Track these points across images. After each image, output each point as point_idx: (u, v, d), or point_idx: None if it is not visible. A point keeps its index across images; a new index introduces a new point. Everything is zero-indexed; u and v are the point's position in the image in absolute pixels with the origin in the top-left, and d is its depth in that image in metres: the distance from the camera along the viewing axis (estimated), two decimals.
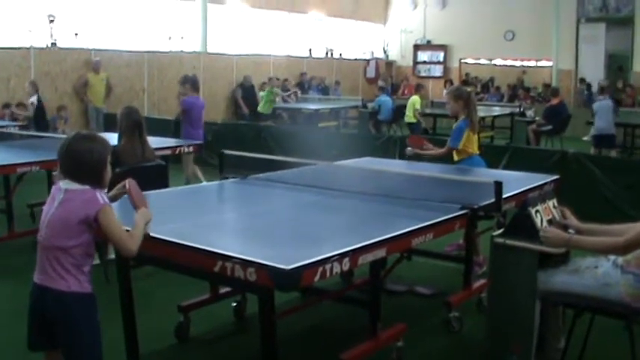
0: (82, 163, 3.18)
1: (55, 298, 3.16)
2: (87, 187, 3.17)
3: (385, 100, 16.18)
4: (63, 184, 3.20)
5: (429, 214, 4.17)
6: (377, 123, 16.01)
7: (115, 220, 3.20)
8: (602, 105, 13.03)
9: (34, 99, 12.44)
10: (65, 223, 3.13)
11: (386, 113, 15.96)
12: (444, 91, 22.04)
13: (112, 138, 6.42)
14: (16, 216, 7.20)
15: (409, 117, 14.61)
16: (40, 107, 12.52)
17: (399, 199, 4.67)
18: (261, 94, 17.84)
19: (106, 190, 3.35)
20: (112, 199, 3.37)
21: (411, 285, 5.89)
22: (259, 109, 17.09)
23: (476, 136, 6.52)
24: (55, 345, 3.27)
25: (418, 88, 15.72)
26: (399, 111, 15.73)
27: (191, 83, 9.19)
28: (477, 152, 6.47)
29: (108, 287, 5.32)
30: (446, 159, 6.56)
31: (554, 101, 14.63)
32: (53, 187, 3.28)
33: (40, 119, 12.39)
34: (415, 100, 14.71)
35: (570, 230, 4.00)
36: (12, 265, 6.49)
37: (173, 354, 4.70)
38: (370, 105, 16.82)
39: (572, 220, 4.09)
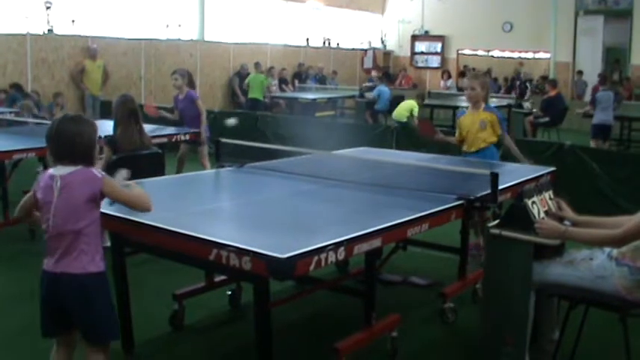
0: (73, 145, 3.24)
1: (72, 282, 3.23)
2: (79, 166, 3.23)
3: (384, 90, 16.17)
4: (55, 171, 3.24)
5: (425, 204, 4.17)
6: (374, 113, 16.00)
7: (119, 187, 3.31)
8: (604, 95, 12.94)
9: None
10: (73, 207, 3.19)
11: (383, 103, 15.95)
12: (443, 83, 22.09)
13: (109, 125, 6.41)
14: (12, 203, 7.17)
15: (401, 116, 14.30)
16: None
17: (395, 189, 4.67)
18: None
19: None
20: None
21: (407, 275, 5.90)
22: (252, 95, 16.99)
23: None
24: (69, 328, 3.37)
25: (418, 95, 15.46)
26: (397, 101, 15.71)
27: (189, 78, 9.17)
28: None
29: None
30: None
31: (552, 93, 14.60)
32: (43, 177, 3.30)
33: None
34: (412, 105, 14.46)
35: (566, 222, 4.00)
36: (7, 251, 6.49)
37: (168, 342, 4.70)
38: (368, 94, 16.81)
39: (568, 211, 4.10)
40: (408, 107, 14.41)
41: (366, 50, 24.52)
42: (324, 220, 4.06)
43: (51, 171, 3.27)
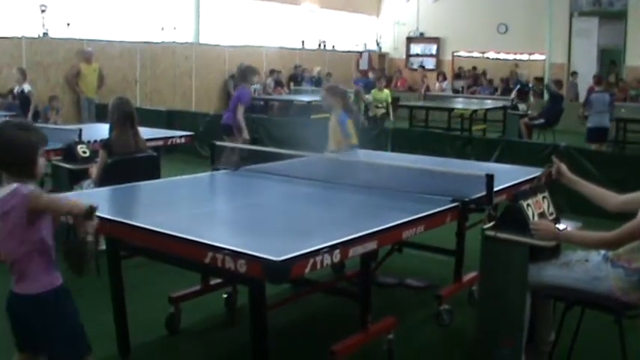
0: (6, 152, 3.03)
1: (30, 303, 3.08)
2: (15, 184, 3.00)
3: None
4: None
5: (420, 206, 4.17)
6: (370, 116, 15.95)
7: (48, 197, 3.10)
8: (599, 97, 12.91)
9: (28, 87, 12.22)
10: (13, 233, 3.01)
11: None
12: (438, 85, 22.13)
13: (104, 129, 6.41)
14: None
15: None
16: (24, 96, 12.09)
17: (390, 192, 4.67)
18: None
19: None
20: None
21: (402, 277, 5.90)
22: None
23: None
24: (37, 348, 3.19)
25: (378, 80, 14.91)
26: (392, 103, 15.66)
27: (242, 74, 9.30)
28: (356, 143, 6.82)
29: (98, 278, 5.31)
30: None
31: (559, 92, 14.67)
32: None
33: (26, 107, 11.91)
34: (387, 94, 14.49)
35: (560, 226, 4.02)
36: None
37: (164, 345, 4.70)
38: (367, 97, 16.77)
39: (567, 173, 4.17)
40: (385, 98, 14.29)
41: (361, 52, 24.52)
42: (319, 222, 4.06)
43: None
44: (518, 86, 17.09)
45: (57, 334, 3.14)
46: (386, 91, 14.65)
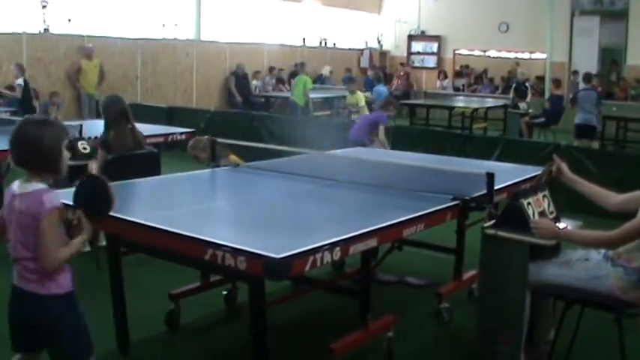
0: (31, 151, 2.94)
1: (37, 303, 3.01)
2: (40, 186, 2.95)
3: (382, 90, 16.13)
4: (17, 188, 2.98)
5: (421, 204, 4.16)
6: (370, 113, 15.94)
7: (54, 230, 2.96)
8: (585, 95, 13.03)
9: (20, 81, 12.37)
10: (28, 233, 2.94)
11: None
12: (439, 83, 22.10)
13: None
14: None
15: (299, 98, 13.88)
16: (26, 90, 12.38)
17: (390, 189, 4.66)
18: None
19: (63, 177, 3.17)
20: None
21: (402, 275, 5.90)
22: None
23: None
24: (36, 347, 3.16)
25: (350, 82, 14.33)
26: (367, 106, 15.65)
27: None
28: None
29: (98, 274, 5.33)
30: None
31: (559, 92, 14.66)
32: (9, 192, 3.03)
33: (25, 102, 12.17)
34: (306, 80, 14.16)
35: (561, 225, 4.02)
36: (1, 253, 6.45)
37: (163, 341, 4.70)
38: (367, 94, 16.79)
39: (567, 172, 4.17)
40: (355, 102, 13.61)
41: (362, 50, 24.50)
42: (319, 220, 4.05)
43: (15, 186, 3.00)
44: (514, 85, 17.11)
45: (71, 333, 3.08)
46: (358, 94, 13.95)
